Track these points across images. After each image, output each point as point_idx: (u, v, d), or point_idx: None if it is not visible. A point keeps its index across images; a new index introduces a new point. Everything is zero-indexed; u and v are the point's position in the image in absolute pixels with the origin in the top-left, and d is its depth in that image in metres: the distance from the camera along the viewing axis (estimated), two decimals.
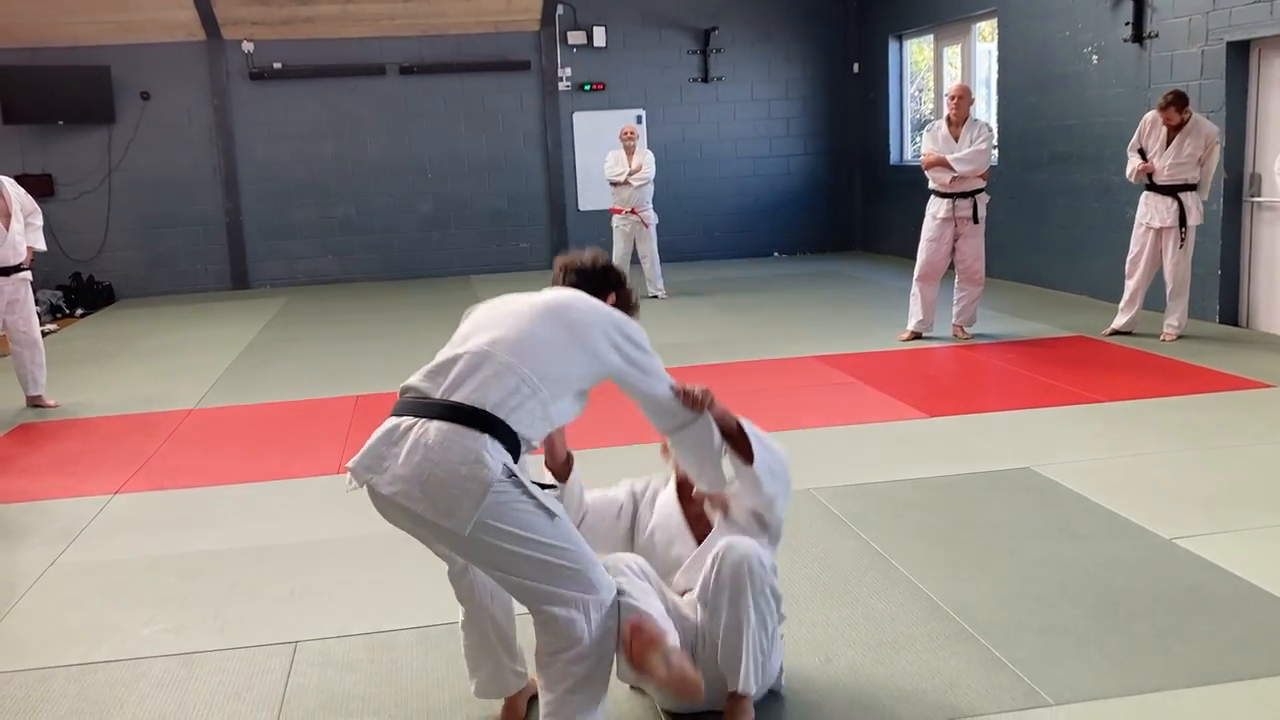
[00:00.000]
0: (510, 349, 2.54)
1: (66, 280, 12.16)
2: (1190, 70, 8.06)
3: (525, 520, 2.46)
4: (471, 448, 2.42)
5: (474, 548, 2.48)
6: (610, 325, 2.66)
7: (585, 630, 2.52)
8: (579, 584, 2.51)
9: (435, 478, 2.41)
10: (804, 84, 13.72)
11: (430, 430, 2.46)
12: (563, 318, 2.62)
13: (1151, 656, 3.14)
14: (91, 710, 3.13)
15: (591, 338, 2.61)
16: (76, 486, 5.32)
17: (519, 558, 2.46)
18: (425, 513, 2.42)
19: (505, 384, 2.49)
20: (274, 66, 12.54)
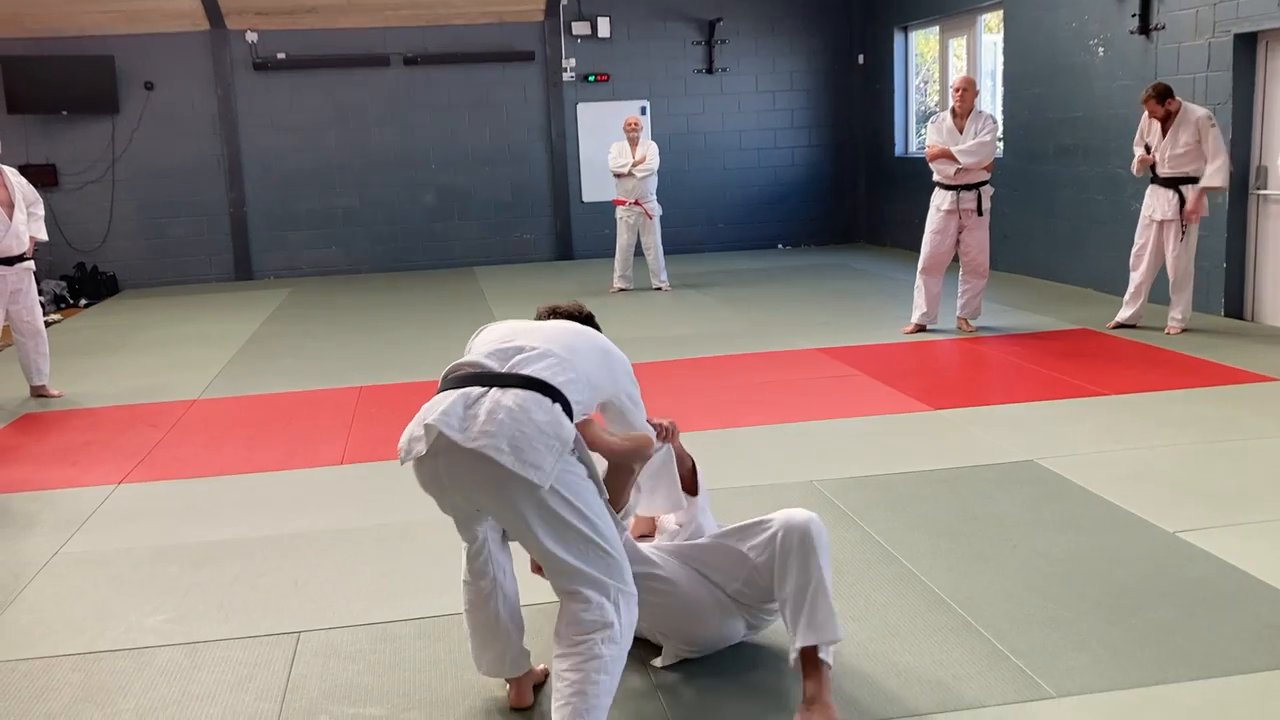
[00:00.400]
0: (565, 349, 2.75)
1: (70, 270, 12.17)
2: (1197, 62, 8.03)
3: (585, 493, 2.64)
4: (551, 409, 2.58)
5: (534, 510, 2.56)
6: (625, 361, 2.98)
7: (615, 616, 2.60)
8: (613, 570, 2.64)
9: (521, 434, 2.52)
10: (809, 75, 13.69)
11: (508, 395, 2.58)
12: (595, 342, 2.89)
13: (1154, 650, 3.14)
14: (95, 699, 3.13)
15: (614, 364, 2.91)
16: (80, 476, 5.33)
17: (571, 530, 2.59)
18: (511, 464, 2.49)
19: (566, 374, 2.68)
20: (278, 57, 12.53)
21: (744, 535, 3.02)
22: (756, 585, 3.01)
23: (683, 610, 3.05)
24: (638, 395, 3.01)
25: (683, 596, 3.04)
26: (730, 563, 3.03)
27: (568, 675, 2.56)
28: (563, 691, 2.55)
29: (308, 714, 3.00)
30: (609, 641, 2.58)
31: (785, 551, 2.88)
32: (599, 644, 2.57)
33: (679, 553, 3.13)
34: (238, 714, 3.02)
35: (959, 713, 2.86)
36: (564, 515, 2.58)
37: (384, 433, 5.80)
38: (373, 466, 5.27)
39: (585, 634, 2.58)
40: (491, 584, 2.91)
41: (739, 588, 3.05)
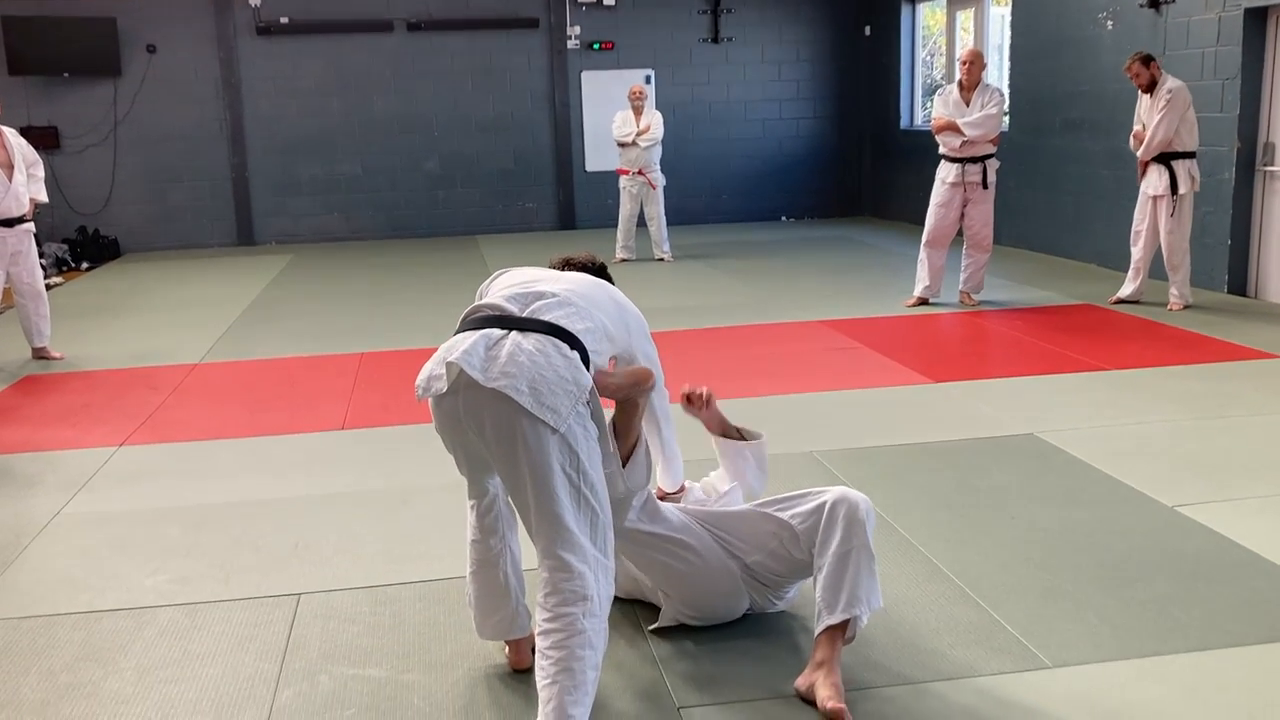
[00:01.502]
0: (583, 299, 2.76)
1: (72, 233, 12.15)
2: (1206, 36, 7.97)
3: (592, 452, 2.64)
4: (570, 356, 2.60)
5: (541, 455, 2.54)
6: (639, 316, 3.00)
7: (594, 589, 2.55)
8: (598, 537, 2.62)
9: (541, 376, 2.53)
10: (815, 46, 13.60)
11: (528, 339, 2.60)
12: (610, 294, 2.92)
13: (1150, 622, 3.15)
14: (96, 657, 3.15)
15: (629, 319, 2.93)
16: (81, 438, 5.34)
17: (569, 485, 2.58)
18: (530, 406, 2.50)
19: (585, 323, 2.70)
20: (281, 21, 12.45)
21: (789, 504, 3.01)
22: (782, 559, 3.00)
23: (694, 576, 3.04)
24: (654, 354, 3.03)
25: (697, 562, 3.02)
26: (759, 534, 3.02)
27: (551, 653, 2.50)
28: (548, 670, 2.50)
29: (307, 674, 3.02)
30: (589, 615, 2.52)
31: (832, 519, 2.87)
32: (580, 618, 2.51)
33: (704, 517, 3.11)
34: (238, 674, 3.04)
35: (956, 681, 2.87)
36: (566, 467, 2.57)
37: (385, 398, 5.81)
38: (374, 431, 5.28)
39: (566, 606, 2.52)
40: (500, 543, 2.90)
41: (760, 559, 3.04)
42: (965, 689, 2.84)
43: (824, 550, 2.87)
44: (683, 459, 3.34)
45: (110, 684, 3.00)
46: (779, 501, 3.05)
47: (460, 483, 2.94)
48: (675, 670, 2.98)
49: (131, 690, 2.97)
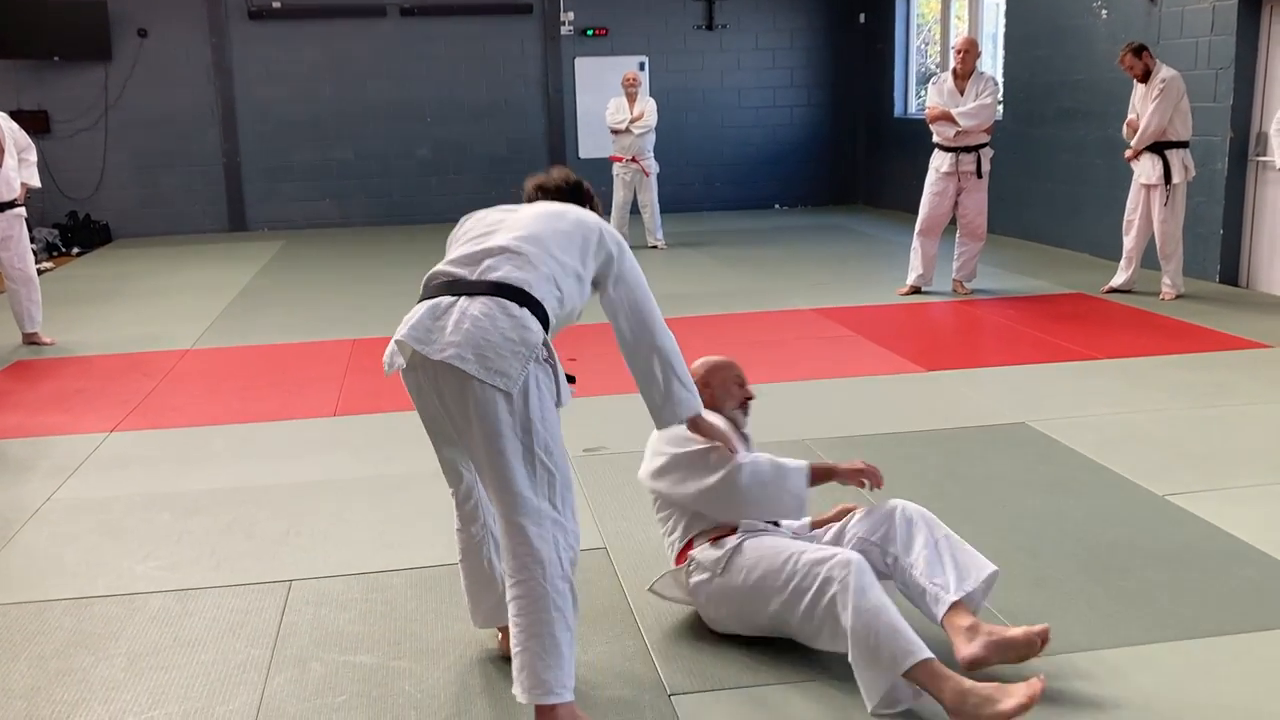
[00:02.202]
0: (534, 243, 2.69)
1: (63, 218, 12.09)
2: (1201, 26, 7.97)
3: (545, 410, 2.60)
4: (516, 315, 2.56)
5: (493, 417, 2.52)
6: (610, 235, 2.83)
7: (551, 551, 2.53)
8: (557, 500, 2.58)
9: (487, 342, 2.52)
10: (809, 34, 13.56)
11: (475, 303, 2.58)
12: (571, 222, 2.79)
13: (1140, 610, 3.16)
14: (87, 643, 3.15)
15: (590, 241, 2.77)
16: (73, 424, 5.33)
17: (521, 449, 2.54)
18: (477, 373, 2.50)
19: (534, 271, 2.64)
20: (273, 6, 12.39)
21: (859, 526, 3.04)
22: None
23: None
24: (632, 261, 2.86)
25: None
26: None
27: (519, 620, 2.51)
28: (518, 637, 2.51)
29: (298, 661, 3.02)
30: (550, 578, 2.51)
31: (907, 520, 2.96)
32: (541, 581, 2.50)
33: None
34: (229, 660, 3.03)
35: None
36: (518, 430, 2.54)
37: (377, 385, 5.80)
38: (366, 418, 5.27)
39: (525, 571, 2.52)
40: (482, 530, 2.90)
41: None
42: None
43: (909, 549, 2.92)
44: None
45: (101, 670, 3.00)
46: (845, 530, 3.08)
47: None
48: (667, 656, 2.98)
49: (122, 676, 2.96)
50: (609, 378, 5.74)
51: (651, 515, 3.95)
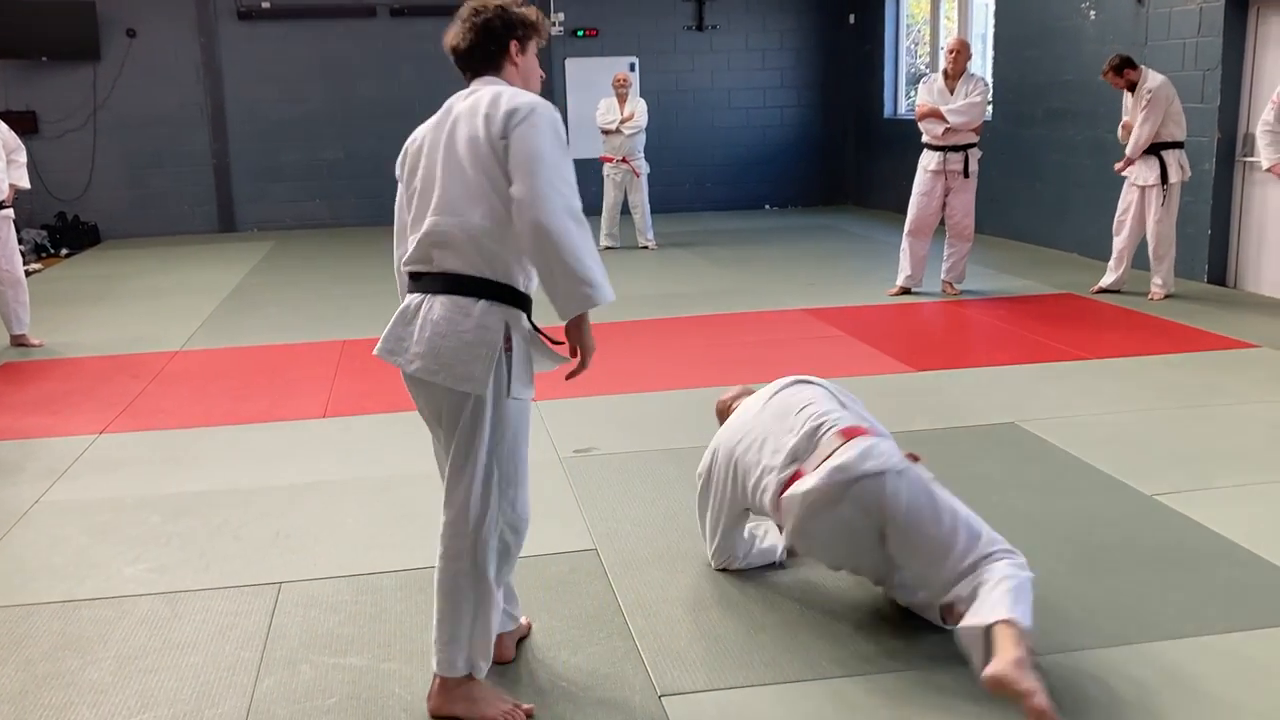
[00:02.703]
0: (453, 219, 2.54)
1: (51, 219, 12.04)
2: (1188, 27, 8.00)
3: (514, 418, 2.62)
4: (474, 314, 2.54)
5: (460, 417, 2.58)
6: (509, 106, 2.52)
7: (474, 554, 2.63)
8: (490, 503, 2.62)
9: (447, 349, 2.53)
10: (799, 34, 13.58)
11: (436, 305, 2.57)
12: (465, 149, 2.54)
13: (1129, 610, 3.17)
14: (75, 646, 3.14)
15: (491, 141, 2.51)
16: (61, 426, 5.31)
17: (487, 453, 2.60)
18: (446, 382, 2.54)
19: (476, 256, 2.55)
20: (262, 6, 12.36)
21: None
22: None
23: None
24: (550, 170, 2.48)
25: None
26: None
27: (439, 603, 2.67)
28: (436, 619, 2.69)
29: (288, 663, 3.02)
30: (463, 574, 2.64)
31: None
32: (455, 575, 2.64)
33: None
34: (218, 663, 3.03)
35: (936, 669, 2.88)
36: (477, 430, 2.58)
37: (367, 386, 5.79)
38: (355, 419, 5.27)
39: (445, 559, 2.65)
40: None
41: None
42: (943, 677, 2.85)
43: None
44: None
45: (89, 673, 2.99)
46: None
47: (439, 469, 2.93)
48: (657, 658, 2.98)
49: (111, 679, 2.95)
50: (599, 378, 5.75)
51: (641, 515, 3.96)
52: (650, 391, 5.61)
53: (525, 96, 2.55)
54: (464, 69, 2.74)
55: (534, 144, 2.47)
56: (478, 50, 2.68)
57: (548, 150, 2.48)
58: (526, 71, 2.75)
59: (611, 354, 6.34)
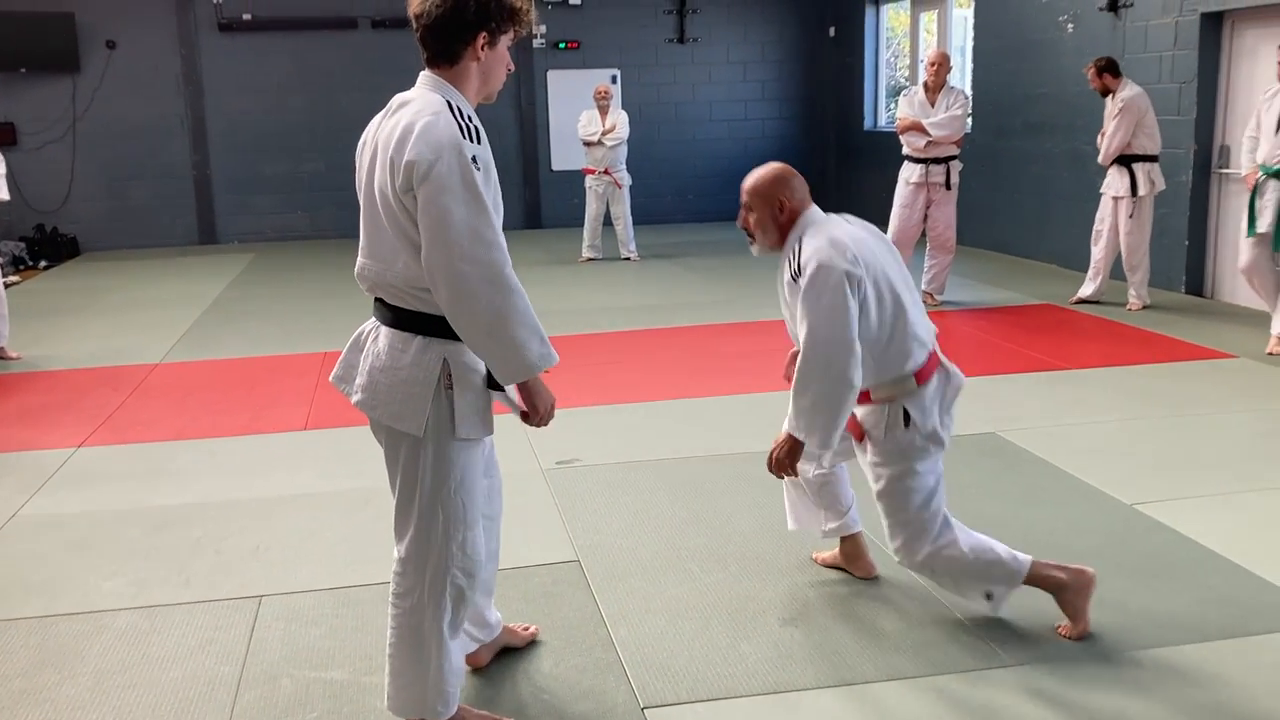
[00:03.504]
0: (377, 258, 2.45)
1: (30, 231, 11.96)
2: (1164, 41, 8.08)
3: (457, 457, 2.47)
4: (411, 352, 2.42)
5: (397, 458, 2.51)
6: (402, 181, 2.29)
7: (422, 598, 2.52)
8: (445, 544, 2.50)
9: (384, 384, 2.46)
10: (780, 47, 13.65)
11: (380, 337, 2.50)
12: (385, 197, 2.38)
13: (1110, 619, 3.18)
14: (52, 662, 3.11)
15: (395, 210, 2.36)
16: (39, 439, 5.26)
17: (416, 484, 2.48)
18: (383, 418, 2.48)
19: (404, 291, 2.41)
20: (243, 18, 12.33)
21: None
22: None
23: None
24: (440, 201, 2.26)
25: None
26: None
27: (390, 639, 2.60)
28: (387, 654, 2.61)
29: (269, 677, 3.00)
30: (412, 614, 2.54)
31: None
32: (404, 614, 2.55)
33: None
34: (198, 677, 3.00)
35: (917, 679, 2.89)
36: (416, 471, 2.47)
37: (347, 399, 5.77)
38: (336, 432, 5.24)
39: (394, 597, 2.57)
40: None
41: None
42: (925, 687, 2.86)
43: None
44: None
45: (66, 690, 2.96)
46: None
47: None
48: (640, 669, 2.97)
49: (88, 696, 2.92)
50: (582, 389, 5.76)
51: (624, 527, 3.96)
52: (633, 403, 5.61)
53: (430, 137, 2.27)
54: (423, 49, 2.47)
55: (440, 206, 2.24)
56: (438, 33, 2.41)
57: (456, 211, 2.25)
58: (489, 68, 2.49)
59: (594, 366, 6.34)
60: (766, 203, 3.12)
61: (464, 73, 2.46)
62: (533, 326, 2.36)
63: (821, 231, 3.03)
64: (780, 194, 3.11)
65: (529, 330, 2.35)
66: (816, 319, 2.89)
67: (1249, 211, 6.40)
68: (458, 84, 2.45)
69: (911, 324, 3.05)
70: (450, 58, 2.44)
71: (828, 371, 2.89)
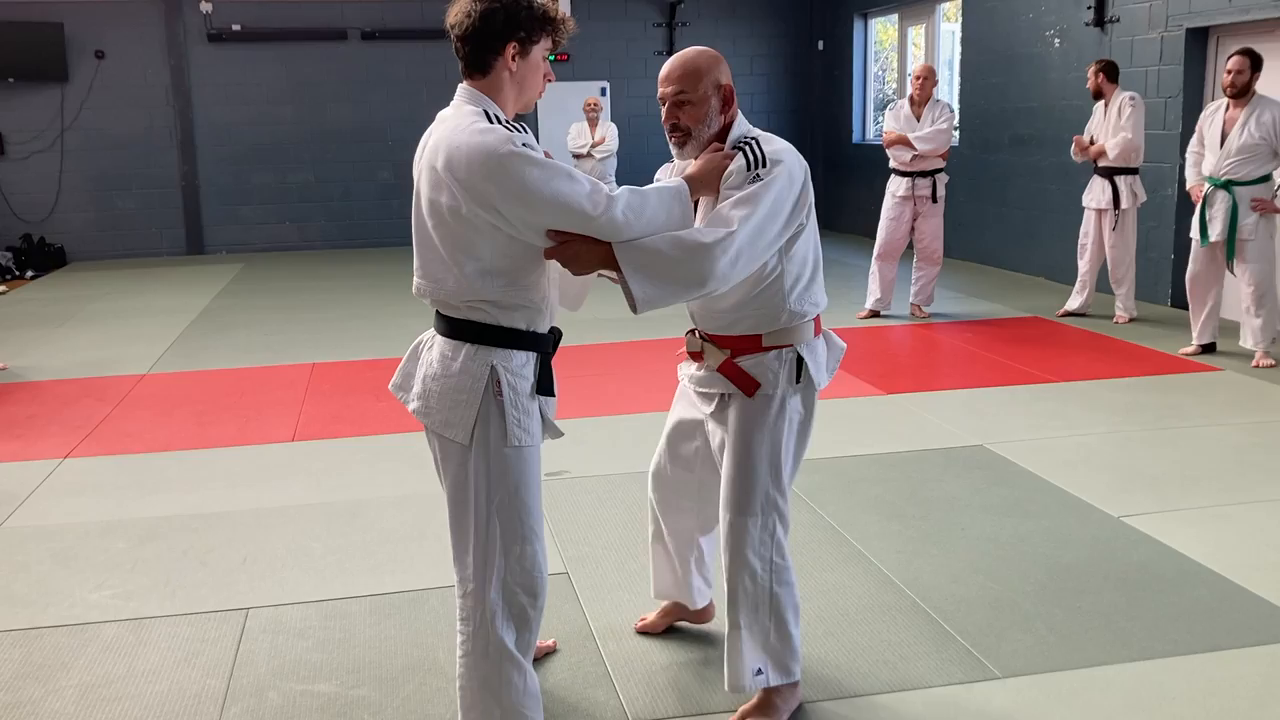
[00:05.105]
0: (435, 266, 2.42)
1: (16, 241, 11.93)
2: (1150, 55, 8.14)
3: (510, 465, 2.41)
4: (465, 361, 2.40)
5: (449, 471, 2.45)
6: (481, 182, 2.26)
7: (480, 622, 2.44)
8: (496, 550, 2.42)
9: (435, 392, 2.44)
10: (768, 60, 13.70)
11: (435, 346, 2.49)
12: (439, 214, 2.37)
13: (1097, 631, 3.19)
14: (38, 674, 3.09)
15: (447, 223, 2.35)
16: (24, 450, 5.24)
17: (469, 501, 2.42)
18: (435, 427, 2.45)
19: (457, 303, 2.40)
20: (233, 28, 12.33)
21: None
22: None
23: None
24: (545, 183, 2.26)
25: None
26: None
27: (458, 666, 2.50)
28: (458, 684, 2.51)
29: (256, 690, 2.98)
30: (474, 638, 2.45)
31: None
32: (468, 639, 2.47)
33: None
34: (184, 690, 2.99)
35: (906, 692, 2.89)
36: (467, 481, 2.41)
37: (336, 410, 5.76)
38: (324, 443, 5.23)
39: (460, 622, 2.48)
40: None
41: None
42: (914, 700, 2.86)
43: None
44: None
45: (51, 703, 2.94)
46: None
47: (410, 495, 2.91)
48: (628, 682, 2.97)
49: (73, 709, 2.91)
50: (570, 401, 5.74)
51: (613, 539, 3.96)
52: (622, 414, 5.61)
53: (477, 143, 2.26)
54: (458, 56, 2.45)
55: (532, 192, 2.24)
56: (471, 41, 2.39)
57: (548, 185, 2.25)
58: (523, 78, 2.45)
59: (582, 377, 6.34)
60: (707, 86, 2.66)
61: (498, 83, 2.43)
62: (647, 192, 2.45)
63: (775, 139, 2.69)
64: (721, 75, 2.68)
65: (676, 216, 2.45)
66: (753, 202, 2.46)
67: (1200, 222, 6.51)
68: (492, 94, 2.43)
69: (821, 274, 2.76)
70: (482, 68, 2.42)
71: (701, 249, 2.39)
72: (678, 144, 2.72)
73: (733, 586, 2.70)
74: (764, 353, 2.67)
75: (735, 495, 2.68)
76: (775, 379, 2.67)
